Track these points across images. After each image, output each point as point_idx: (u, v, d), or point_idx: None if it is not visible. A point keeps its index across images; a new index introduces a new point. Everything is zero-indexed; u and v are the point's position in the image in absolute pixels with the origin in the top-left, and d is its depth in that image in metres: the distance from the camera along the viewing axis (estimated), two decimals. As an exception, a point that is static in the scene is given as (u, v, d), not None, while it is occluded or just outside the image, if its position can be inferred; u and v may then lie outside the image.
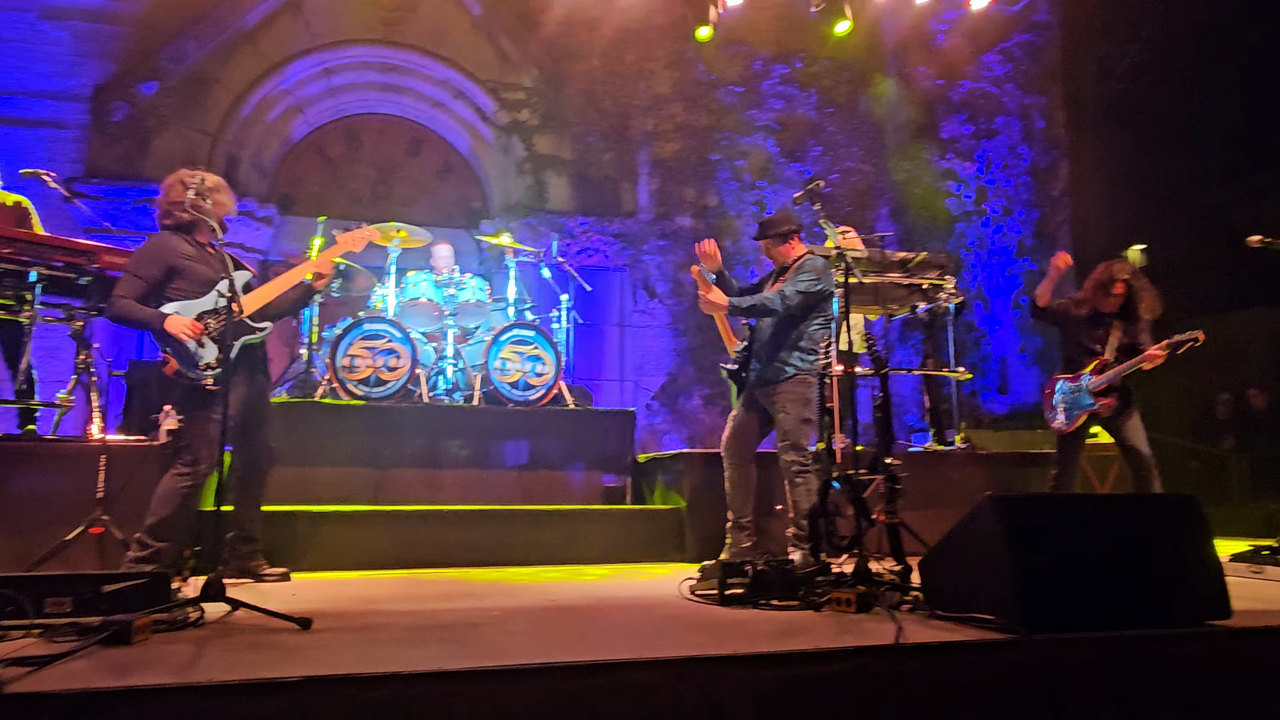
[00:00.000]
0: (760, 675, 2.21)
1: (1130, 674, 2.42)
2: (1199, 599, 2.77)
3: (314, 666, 2.07)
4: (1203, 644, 2.58)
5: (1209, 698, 2.44)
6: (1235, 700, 2.45)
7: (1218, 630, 2.66)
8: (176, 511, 3.62)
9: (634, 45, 9.14)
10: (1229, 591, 2.78)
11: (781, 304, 4.19)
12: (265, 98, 8.55)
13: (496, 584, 4.05)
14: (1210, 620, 2.72)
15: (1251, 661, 2.56)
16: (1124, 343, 4.92)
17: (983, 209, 9.94)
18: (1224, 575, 2.82)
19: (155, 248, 3.81)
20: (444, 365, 6.13)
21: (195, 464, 3.68)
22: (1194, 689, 2.44)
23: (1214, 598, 2.77)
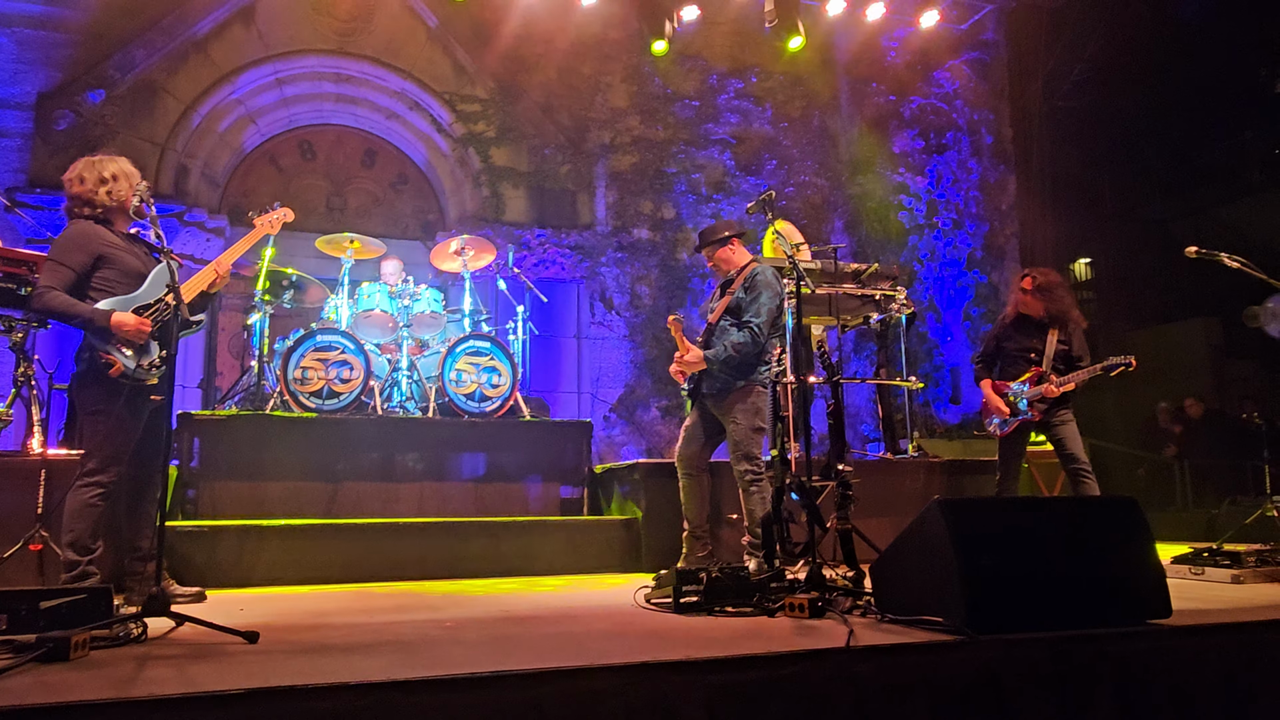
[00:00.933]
0: (711, 680, 2.22)
1: (1073, 672, 2.48)
2: (1140, 599, 2.84)
3: (259, 679, 2.03)
4: (1144, 642, 2.64)
5: (1150, 694, 2.50)
6: (1175, 696, 2.52)
7: (1159, 629, 2.73)
8: (93, 523, 3.39)
9: (590, 58, 9.19)
10: (1170, 592, 2.86)
11: (754, 340, 4.19)
12: (216, 107, 8.43)
13: (451, 596, 4.01)
14: (1151, 619, 2.80)
15: (1191, 659, 2.63)
16: (1060, 350, 5.04)
17: (934, 222, 10.14)
18: (1165, 576, 2.90)
19: (80, 234, 3.46)
20: (398, 377, 6.07)
21: (100, 471, 3.41)
22: (1135, 686, 2.50)
23: (1155, 597, 2.85)
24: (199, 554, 4.41)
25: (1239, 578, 4.00)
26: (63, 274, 3.40)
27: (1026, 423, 5.06)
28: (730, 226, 4.58)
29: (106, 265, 3.47)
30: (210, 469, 5.14)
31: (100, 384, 3.43)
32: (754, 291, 4.27)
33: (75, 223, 3.53)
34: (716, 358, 4.25)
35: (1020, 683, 2.43)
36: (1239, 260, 4.59)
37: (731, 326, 4.28)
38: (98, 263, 3.46)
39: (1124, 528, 2.93)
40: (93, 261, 3.45)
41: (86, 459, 3.44)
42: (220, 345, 8.51)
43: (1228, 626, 2.79)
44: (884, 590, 3.01)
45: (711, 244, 4.50)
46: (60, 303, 3.37)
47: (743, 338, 4.19)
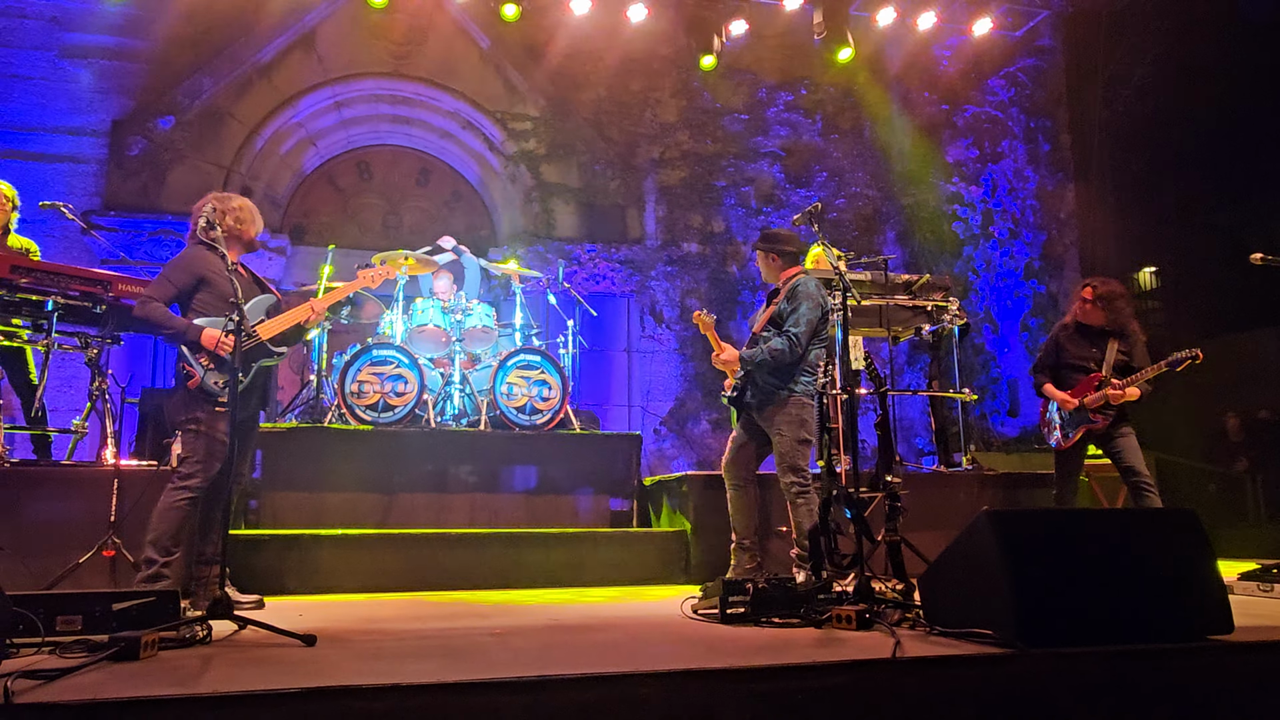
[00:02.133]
0: (755, 688, 2.23)
1: (1130, 688, 2.42)
2: (1200, 614, 2.76)
3: (315, 679, 2.10)
4: (1203, 659, 2.57)
5: (1209, 712, 2.44)
6: (1235, 714, 2.44)
7: (1219, 645, 2.65)
8: (177, 526, 3.60)
9: (639, 75, 9.29)
10: (1234, 608, 2.78)
11: (791, 349, 4.20)
12: (278, 131, 8.73)
13: (502, 605, 4.07)
14: (1211, 635, 2.72)
15: (1253, 675, 2.55)
16: (1120, 360, 4.93)
17: (990, 232, 9.99)
18: (1225, 590, 2.82)
19: (189, 258, 3.81)
20: (451, 390, 6.19)
21: (190, 477, 3.63)
22: (1194, 703, 2.44)
23: (1215, 612, 2.77)
24: (260, 562, 4.55)
25: (1310, 595, 3.85)
26: (166, 289, 3.75)
27: (1085, 436, 4.95)
28: (799, 244, 4.56)
29: (207, 288, 3.78)
30: (271, 480, 5.31)
31: (191, 396, 3.67)
32: (795, 301, 4.28)
33: (191, 247, 3.87)
34: (752, 359, 4.27)
35: (1073, 698, 2.38)
36: (1307, 266, 4.44)
37: (773, 336, 4.29)
38: (199, 284, 3.78)
39: (1182, 540, 2.86)
40: (195, 283, 3.77)
41: (181, 465, 3.67)
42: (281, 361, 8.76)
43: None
44: (933, 602, 2.98)
45: (779, 253, 4.48)
46: (157, 312, 3.69)
47: (780, 344, 4.20)
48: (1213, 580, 2.81)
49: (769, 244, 4.52)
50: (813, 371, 4.26)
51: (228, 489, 3.51)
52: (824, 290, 4.40)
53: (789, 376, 4.25)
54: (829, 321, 4.38)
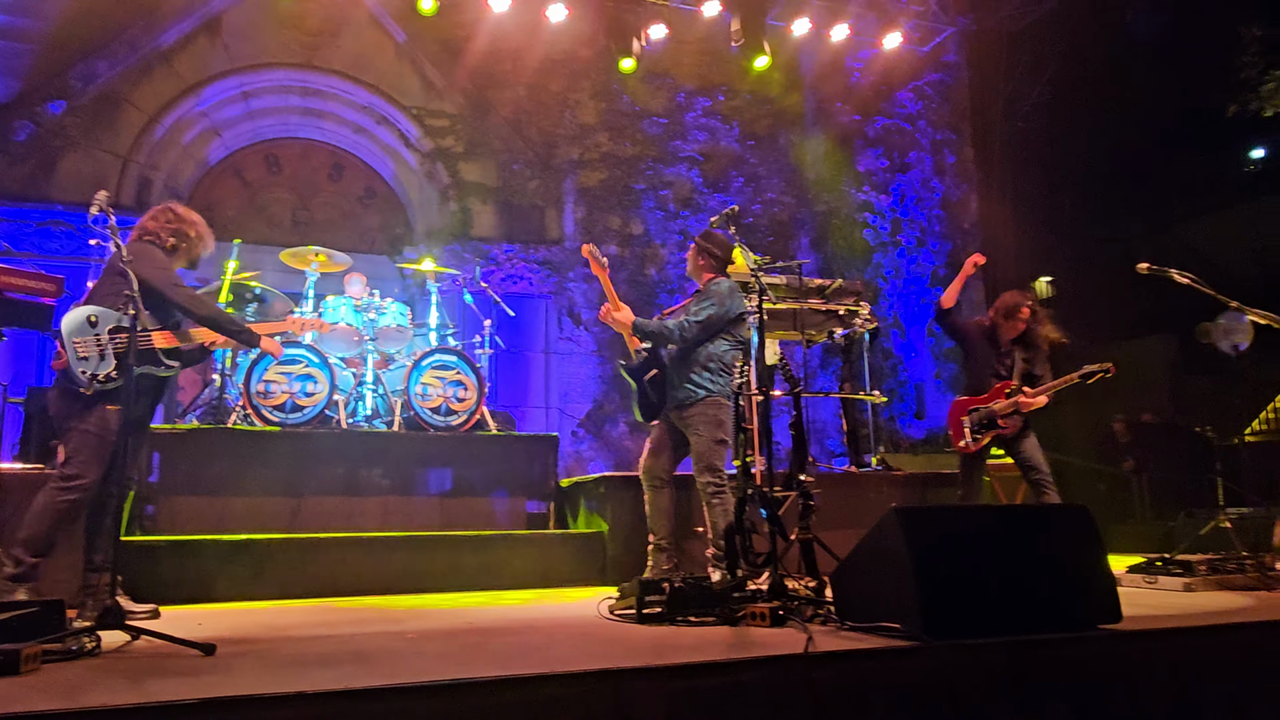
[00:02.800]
0: (671, 686, 2.24)
1: (1027, 676, 2.52)
2: (1092, 604, 2.90)
3: (213, 689, 2.01)
4: (1094, 646, 2.70)
5: (1100, 696, 2.56)
6: (1125, 698, 2.57)
7: (1110, 633, 2.78)
8: (53, 527, 3.40)
9: (559, 75, 9.25)
10: (1122, 599, 2.92)
11: (679, 335, 4.30)
12: (180, 120, 8.36)
13: (414, 610, 3.99)
14: (1102, 624, 2.86)
15: (1140, 662, 2.69)
16: (1025, 370, 5.14)
17: (899, 240, 10.30)
18: (1115, 581, 2.97)
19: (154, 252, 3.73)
20: (363, 391, 6.04)
21: (74, 479, 3.42)
22: (1087, 689, 2.55)
23: (1106, 603, 2.91)
24: (156, 570, 4.33)
25: (1190, 586, 4.09)
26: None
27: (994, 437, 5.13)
28: (725, 250, 4.61)
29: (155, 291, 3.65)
30: (170, 484, 5.07)
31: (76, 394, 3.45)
32: (702, 296, 4.40)
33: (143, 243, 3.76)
34: (646, 325, 4.36)
35: (975, 686, 2.47)
36: (1188, 276, 4.71)
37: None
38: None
39: (1076, 535, 3.00)
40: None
41: (65, 465, 3.47)
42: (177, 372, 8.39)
43: (1176, 631, 2.86)
44: (844, 598, 3.05)
45: (701, 244, 4.53)
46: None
47: (673, 325, 4.31)
48: (1103, 572, 2.95)
49: (706, 242, 4.56)
50: (729, 372, 4.30)
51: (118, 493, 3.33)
52: (738, 293, 4.46)
53: (703, 375, 4.30)
54: (745, 324, 4.44)
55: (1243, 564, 4.27)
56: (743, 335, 4.43)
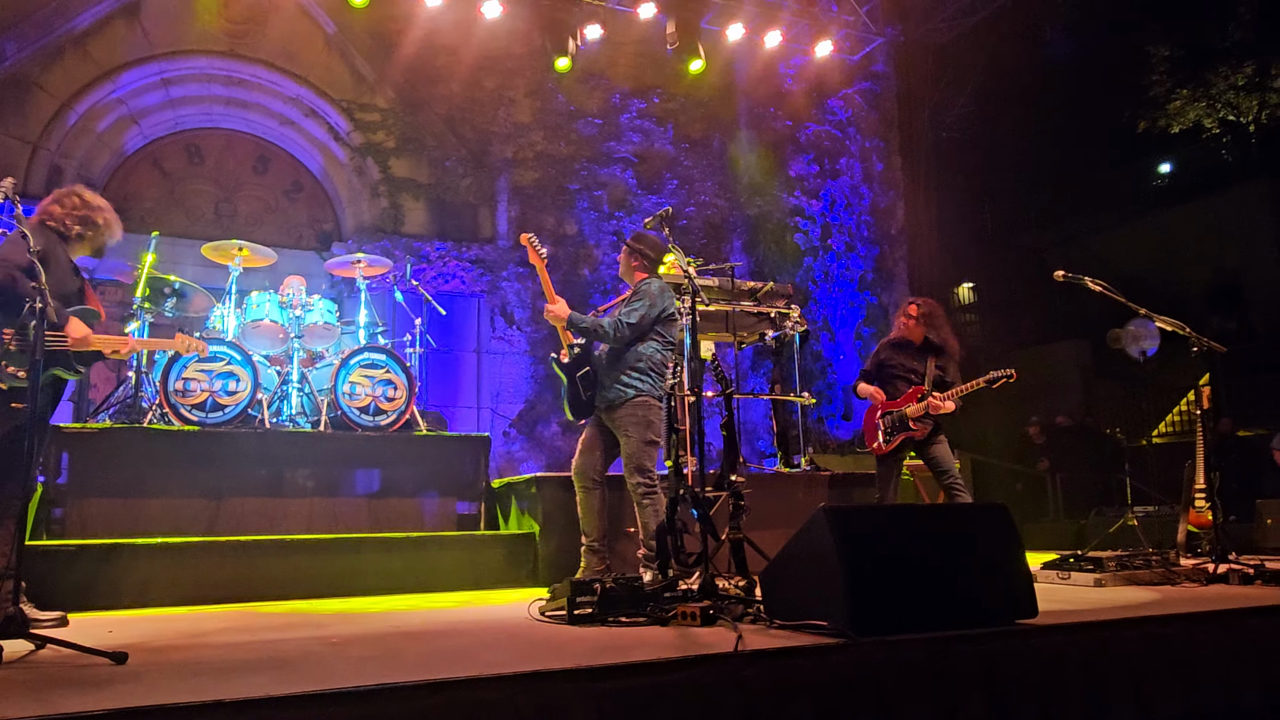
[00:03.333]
0: (602, 687, 2.23)
1: (948, 670, 2.59)
2: (1010, 600, 3.00)
3: (123, 699, 1.93)
4: (1012, 640, 2.79)
5: (1016, 688, 2.64)
6: (1040, 689, 2.67)
7: (1026, 628, 2.88)
8: None
9: (494, 72, 9.16)
10: (1038, 594, 3.03)
11: (612, 333, 4.33)
12: (95, 106, 8.02)
13: (340, 614, 3.90)
14: (1019, 619, 2.96)
15: (1054, 654, 2.79)
16: (937, 375, 5.31)
17: (829, 245, 10.49)
18: (1032, 578, 3.07)
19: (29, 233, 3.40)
20: (289, 390, 5.88)
21: None
22: (1003, 681, 2.64)
23: (1023, 598, 3.01)
24: (63, 576, 4.15)
25: (1101, 581, 4.26)
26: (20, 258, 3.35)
27: (906, 439, 5.28)
28: (657, 250, 4.64)
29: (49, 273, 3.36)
30: (80, 486, 4.86)
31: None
32: (634, 297, 4.44)
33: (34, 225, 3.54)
34: (581, 321, 4.39)
35: (899, 681, 2.53)
36: (1101, 284, 4.92)
37: None
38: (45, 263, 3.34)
39: (996, 533, 3.10)
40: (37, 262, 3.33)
41: None
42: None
43: (1088, 625, 2.97)
44: (773, 597, 3.09)
45: (643, 256, 4.55)
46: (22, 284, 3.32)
47: (608, 323, 4.34)
48: (1021, 569, 3.06)
49: (638, 243, 4.59)
50: (660, 373, 4.33)
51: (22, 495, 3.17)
52: (669, 293, 4.49)
53: (632, 375, 4.33)
54: (676, 324, 4.48)
55: (1149, 560, 4.46)
56: (674, 336, 4.46)
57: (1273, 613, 3.20)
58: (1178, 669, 2.85)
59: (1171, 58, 15.53)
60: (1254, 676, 2.94)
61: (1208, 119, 15.79)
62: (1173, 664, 2.85)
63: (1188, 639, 2.94)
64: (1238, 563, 4.33)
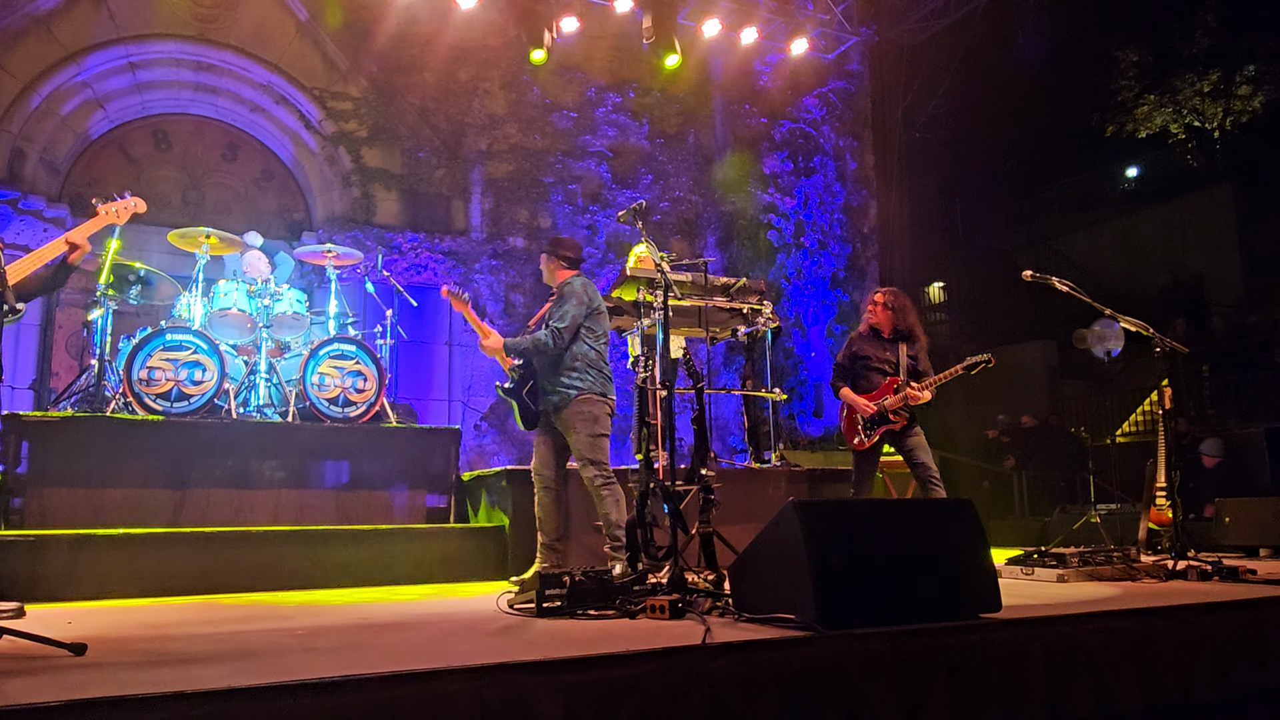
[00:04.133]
0: (569, 679, 2.23)
1: (912, 663, 2.62)
2: (974, 594, 3.03)
3: (81, 690, 1.90)
4: (975, 634, 2.82)
5: (979, 681, 2.68)
6: (1002, 681, 2.70)
7: (989, 622, 2.92)
8: None
9: (469, 63, 9.10)
10: (1002, 589, 3.07)
11: (552, 343, 4.33)
12: (59, 89, 7.85)
13: (306, 606, 3.86)
14: (983, 613, 2.99)
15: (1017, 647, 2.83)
16: (909, 363, 5.33)
17: (801, 242, 10.54)
18: (996, 572, 3.11)
19: None
20: (256, 380, 5.80)
21: None
22: (967, 674, 2.67)
23: (987, 593, 3.05)
24: (21, 566, 4.07)
25: (1064, 577, 4.32)
26: None
27: (886, 432, 5.31)
28: (574, 250, 4.69)
29: None
30: (40, 475, 4.78)
31: None
32: (562, 300, 4.44)
33: None
34: (516, 345, 4.40)
35: (865, 675, 2.55)
36: (1068, 284, 4.99)
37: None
38: None
39: (961, 528, 3.13)
40: None
41: None
42: (57, 343, 7.89)
43: (1050, 619, 3.01)
44: (742, 590, 3.10)
45: (561, 258, 4.62)
46: None
47: (543, 335, 4.35)
48: (986, 564, 3.09)
49: (555, 248, 4.67)
50: (598, 369, 4.40)
51: None
52: (592, 288, 4.56)
53: (571, 375, 4.36)
54: (605, 318, 4.55)
55: (1111, 557, 4.54)
56: (603, 329, 4.52)
57: (1228, 609, 3.27)
58: (1136, 662, 2.90)
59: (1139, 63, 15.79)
60: (1210, 671, 3.01)
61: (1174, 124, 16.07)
62: (1132, 657, 2.90)
63: (1146, 633, 2.99)
64: (1196, 560, 4.42)
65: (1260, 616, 3.26)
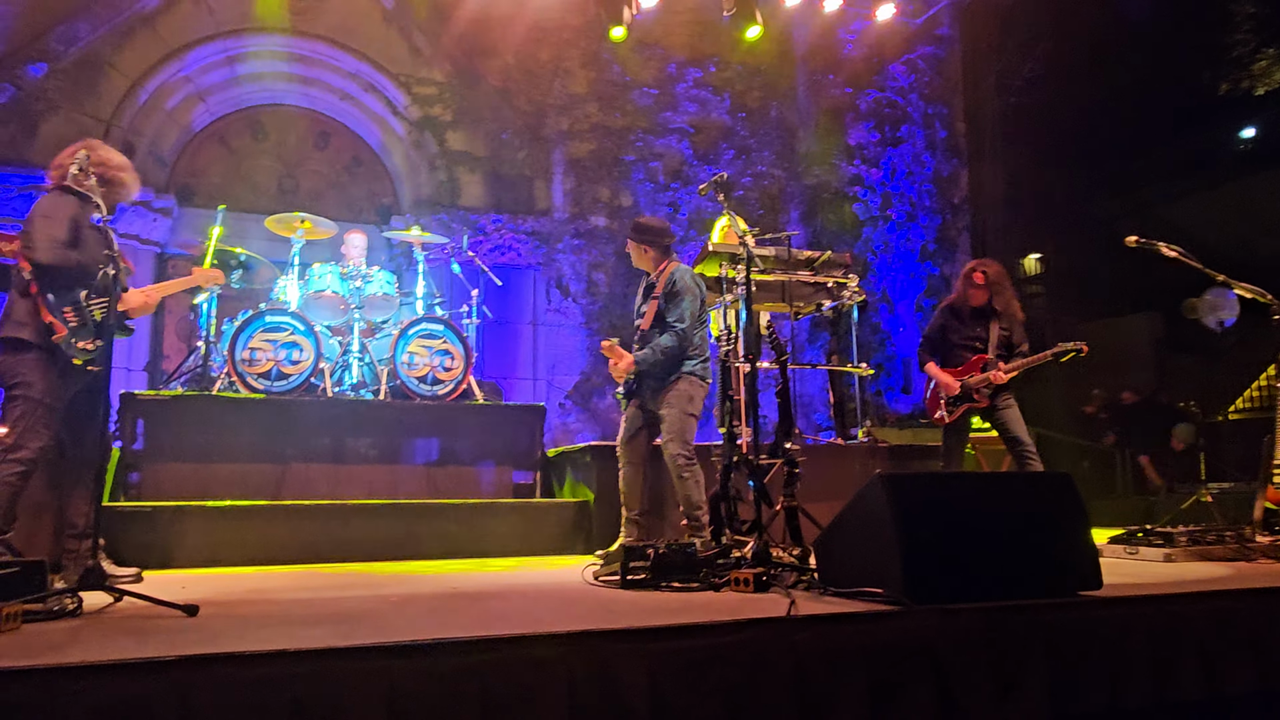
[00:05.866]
0: (653, 648, 2.24)
1: (1006, 640, 2.54)
2: (1074, 571, 2.92)
3: (196, 647, 2.01)
4: (1074, 612, 2.72)
5: (1079, 661, 2.58)
6: (1102, 662, 2.60)
7: (1089, 600, 2.81)
8: (8, 501, 3.29)
9: (549, 44, 9.14)
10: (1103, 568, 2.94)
11: (679, 343, 4.36)
12: (164, 84, 8.23)
13: (398, 575, 3.99)
14: (1083, 591, 2.88)
15: (1118, 627, 2.72)
16: (1002, 337, 5.15)
17: (888, 215, 10.27)
18: (1096, 549, 2.99)
19: (62, 203, 3.45)
20: (349, 359, 6.01)
21: (16, 449, 3.30)
22: (1065, 653, 2.58)
23: (1087, 569, 2.93)
24: (139, 535, 4.33)
25: (1170, 556, 4.12)
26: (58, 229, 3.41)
27: (971, 408, 5.16)
28: (666, 236, 4.65)
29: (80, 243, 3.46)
30: (154, 451, 5.05)
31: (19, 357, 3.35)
32: (676, 297, 4.43)
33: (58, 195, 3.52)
34: (646, 360, 4.41)
35: (955, 651, 2.49)
36: (1176, 250, 4.72)
37: (659, 333, 4.43)
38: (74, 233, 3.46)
39: (1058, 502, 3.01)
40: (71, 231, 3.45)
41: (6, 435, 3.35)
42: (167, 328, 8.34)
43: (1154, 598, 2.87)
44: (827, 564, 3.06)
45: (653, 245, 4.61)
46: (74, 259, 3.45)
47: (669, 341, 4.36)
48: (1085, 540, 2.97)
49: (641, 235, 4.63)
50: (701, 352, 4.43)
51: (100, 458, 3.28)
52: (695, 276, 4.56)
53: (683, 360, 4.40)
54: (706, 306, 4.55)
55: (1222, 535, 4.31)
56: (707, 312, 4.57)
57: (1355, 590, 3.07)
58: (1250, 645, 2.75)
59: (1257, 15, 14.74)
60: (1333, 654, 2.83)
61: (1295, 80, 14.97)
62: (1245, 640, 2.75)
63: (1262, 614, 2.83)
64: (1318, 539, 4.16)
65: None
